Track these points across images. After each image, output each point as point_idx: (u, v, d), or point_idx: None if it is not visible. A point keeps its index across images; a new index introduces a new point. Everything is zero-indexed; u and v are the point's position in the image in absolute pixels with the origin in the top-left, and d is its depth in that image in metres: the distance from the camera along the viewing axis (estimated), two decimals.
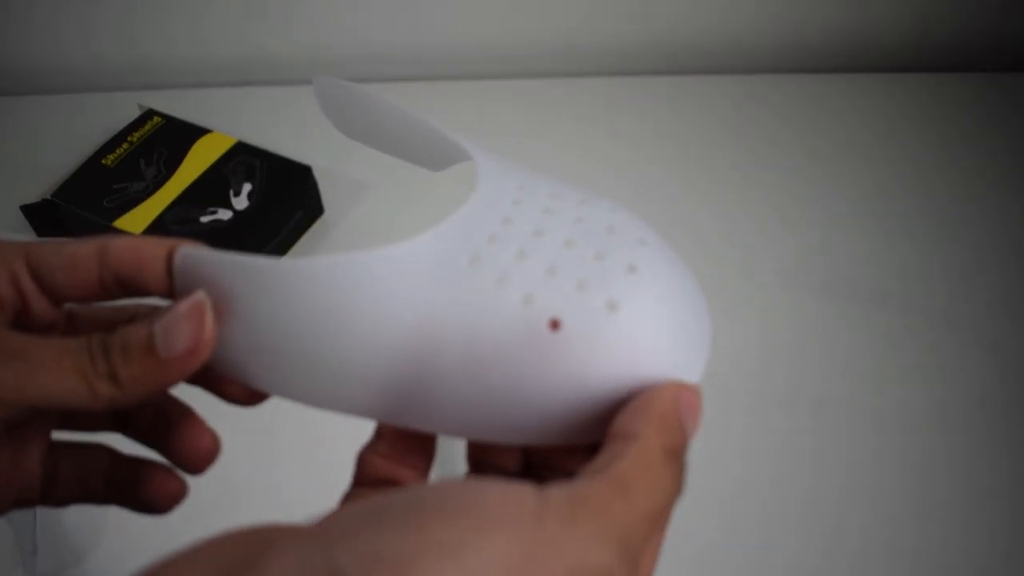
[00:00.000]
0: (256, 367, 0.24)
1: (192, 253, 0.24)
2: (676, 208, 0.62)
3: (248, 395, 0.27)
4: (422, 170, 0.71)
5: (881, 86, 0.70)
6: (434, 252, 0.22)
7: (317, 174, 0.60)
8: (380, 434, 0.27)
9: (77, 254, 0.25)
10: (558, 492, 0.20)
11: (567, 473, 0.23)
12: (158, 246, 0.25)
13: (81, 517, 0.45)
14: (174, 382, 0.24)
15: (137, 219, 0.56)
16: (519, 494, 0.19)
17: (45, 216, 0.59)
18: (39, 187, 0.62)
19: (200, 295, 0.24)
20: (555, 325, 0.22)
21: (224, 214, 0.57)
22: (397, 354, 0.22)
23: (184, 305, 0.24)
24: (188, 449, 0.27)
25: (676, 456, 0.22)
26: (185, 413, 0.28)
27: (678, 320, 0.23)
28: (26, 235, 0.60)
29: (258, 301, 0.23)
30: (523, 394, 0.22)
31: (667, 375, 0.22)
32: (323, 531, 0.19)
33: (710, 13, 0.71)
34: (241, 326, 0.24)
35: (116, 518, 0.46)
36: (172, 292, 0.25)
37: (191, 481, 0.28)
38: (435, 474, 0.27)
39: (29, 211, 0.58)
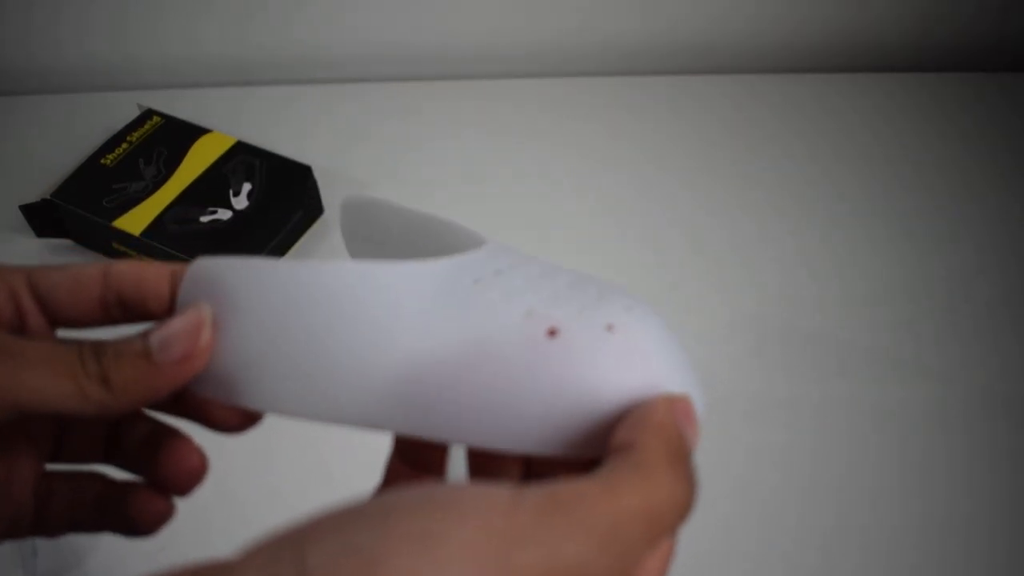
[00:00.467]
0: (257, 380, 0.24)
1: (208, 260, 0.25)
2: (676, 208, 0.62)
3: (238, 419, 0.26)
4: (422, 170, 0.72)
5: (882, 86, 0.70)
6: (442, 274, 0.24)
7: (317, 174, 0.60)
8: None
9: (81, 273, 0.25)
10: (537, 489, 0.19)
11: None
12: (161, 268, 0.26)
13: None
14: (167, 389, 0.24)
15: (136, 219, 0.56)
16: (495, 491, 0.19)
17: (44, 216, 0.59)
18: (38, 187, 0.62)
19: (202, 305, 0.24)
20: (553, 333, 0.23)
21: (224, 214, 0.57)
22: (402, 358, 0.23)
23: (184, 314, 0.24)
24: (175, 469, 0.27)
25: (678, 460, 0.21)
26: (173, 433, 0.28)
27: (672, 348, 0.24)
28: (26, 235, 0.60)
29: (275, 303, 0.24)
30: (519, 397, 0.22)
31: (662, 391, 0.23)
32: (296, 532, 0.19)
33: (710, 13, 0.71)
34: (250, 333, 0.24)
35: None
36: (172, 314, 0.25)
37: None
38: None
39: (29, 211, 0.58)
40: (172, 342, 0.23)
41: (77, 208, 0.57)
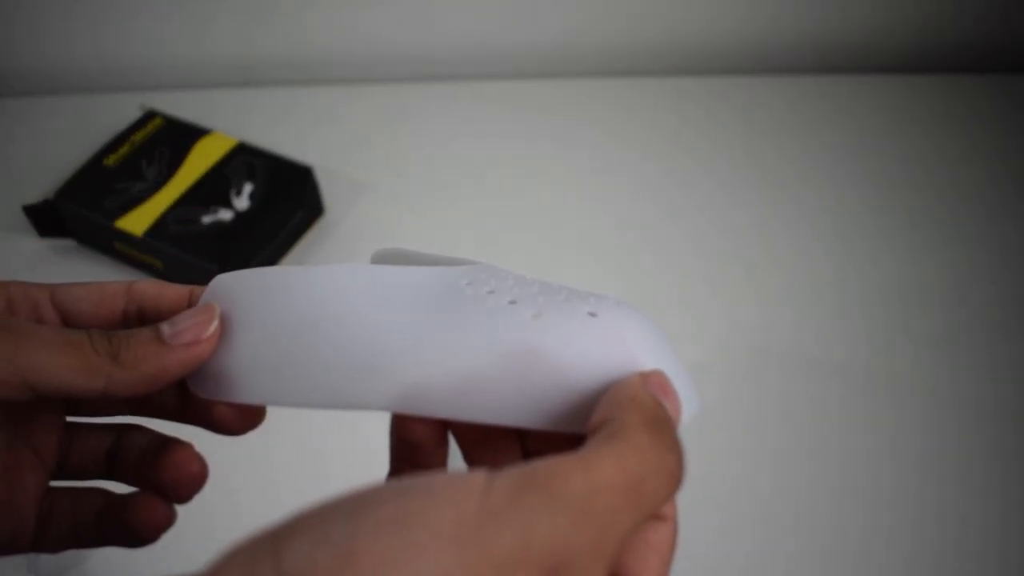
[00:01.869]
0: (265, 375, 0.25)
1: (226, 274, 0.27)
2: (675, 208, 0.62)
3: (242, 421, 0.27)
4: (422, 171, 0.72)
5: (880, 88, 0.70)
6: (437, 277, 0.26)
7: (318, 174, 0.61)
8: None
9: (105, 287, 0.27)
10: (512, 469, 0.19)
11: None
12: (181, 287, 0.27)
13: None
14: (174, 370, 0.25)
15: (139, 219, 0.56)
16: (469, 475, 0.19)
17: (47, 216, 0.59)
18: (41, 188, 0.63)
19: (213, 303, 0.26)
20: (537, 316, 0.24)
21: (225, 214, 0.57)
22: (396, 343, 0.24)
23: (195, 308, 0.26)
24: (176, 474, 0.27)
25: (656, 427, 0.21)
26: (174, 441, 0.28)
27: (657, 338, 0.24)
28: (28, 236, 0.60)
29: (283, 302, 0.25)
30: (504, 371, 0.23)
31: (640, 370, 0.23)
32: (272, 532, 0.18)
33: (709, 14, 0.71)
34: (259, 331, 0.25)
35: None
36: None
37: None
38: None
39: (31, 211, 0.59)
40: (182, 329, 0.25)
41: (80, 208, 0.57)
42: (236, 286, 0.26)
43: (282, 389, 0.25)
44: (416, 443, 0.26)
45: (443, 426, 0.26)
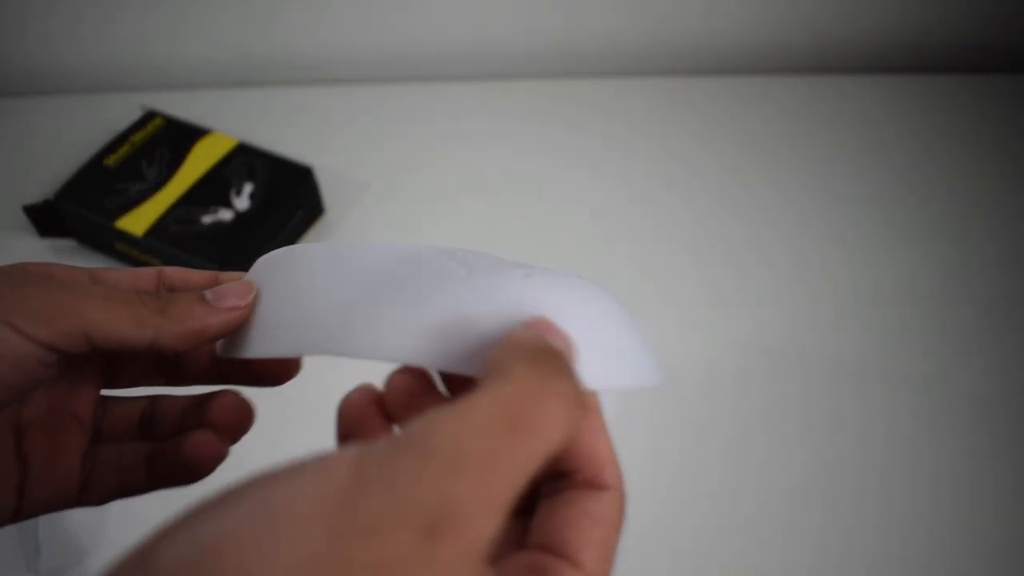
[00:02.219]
0: (302, 332, 0.27)
1: (271, 253, 0.29)
2: (673, 210, 0.62)
3: (278, 371, 0.29)
4: (421, 170, 0.72)
5: (880, 88, 0.71)
6: (419, 251, 0.27)
7: (318, 174, 0.61)
8: None
9: (138, 271, 0.29)
10: (387, 436, 0.18)
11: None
12: (207, 272, 0.29)
13: (83, 515, 0.46)
14: (215, 330, 0.27)
15: (139, 219, 0.56)
16: (339, 449, 0.18)
17: (47, 217, 0.59)
18: (41, 188, 0.63)
19: (252, 281, 0.28)
20: (471, 274, 0.25)
21: (225, 214, 0.57)
22: (358, 307, 0.26)
23: (235, 282, 0.28)
24: (226, 416, 0.29)
25: (538, 356, 0.19)
26: (216, 392, 0.30)
27: (599, 304, 0.24)
28: (29, 236, 0.60)
29: (324, 268, 0.28)
30: (437, 320, 0.24)
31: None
32: (144, 546, 0.18)
33: (708, 14, 0.71)
34: (301, 293, 0.28)
35: (118, 516, 0.46)
36: None
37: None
38: None
39: (32, 211, 0.59)
40: (224, 294, 0.27)
41: (80, 208, 0.57)
42: (267, 265, 0.29)
43: (284, 342, 0.27)
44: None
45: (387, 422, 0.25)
